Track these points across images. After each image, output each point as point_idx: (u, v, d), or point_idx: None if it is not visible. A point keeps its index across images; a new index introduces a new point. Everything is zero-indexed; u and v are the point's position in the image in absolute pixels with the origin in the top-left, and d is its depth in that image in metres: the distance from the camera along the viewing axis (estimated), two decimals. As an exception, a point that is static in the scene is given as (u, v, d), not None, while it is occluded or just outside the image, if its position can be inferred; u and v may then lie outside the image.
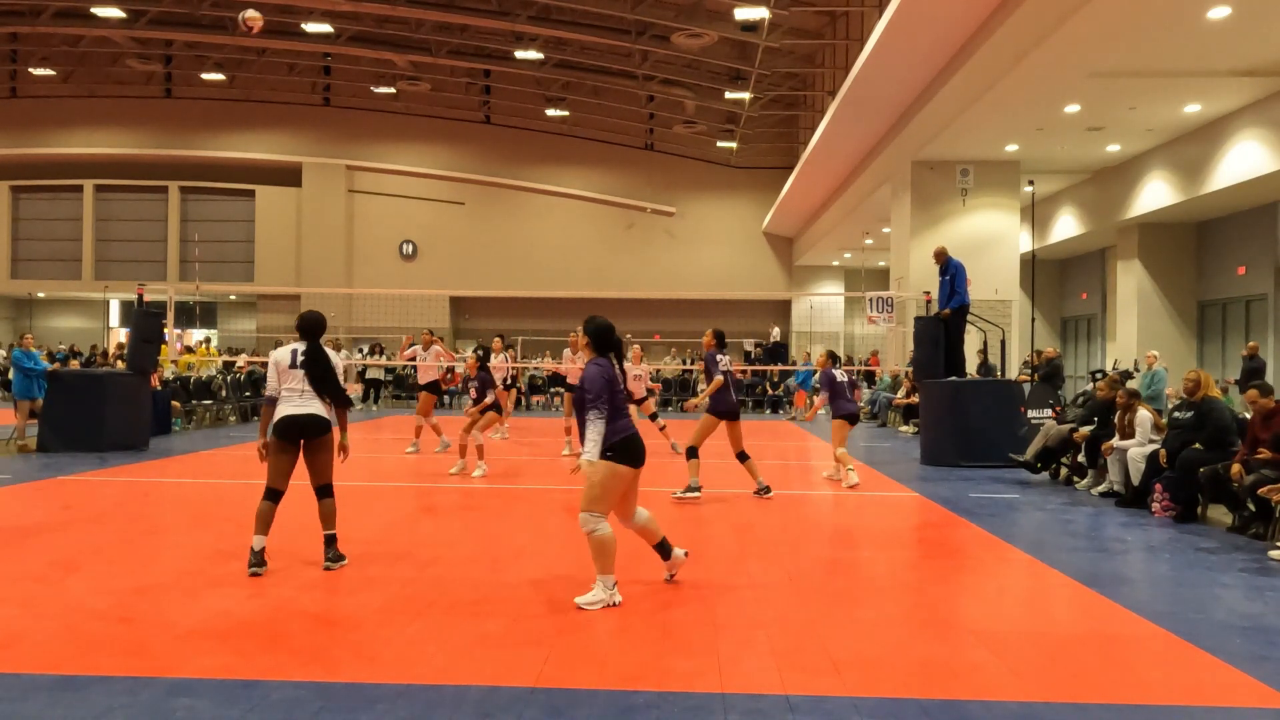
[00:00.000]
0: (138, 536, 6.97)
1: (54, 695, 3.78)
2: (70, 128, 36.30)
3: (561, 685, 3.95)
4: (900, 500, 9.37)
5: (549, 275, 35.00)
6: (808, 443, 15.63)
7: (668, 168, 36.72)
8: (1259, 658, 4.39)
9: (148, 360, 13.56)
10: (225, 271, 35.85)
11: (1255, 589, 5.71)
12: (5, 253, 36.53)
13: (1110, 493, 9.21)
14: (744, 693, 3.88)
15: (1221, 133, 16.99)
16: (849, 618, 5.02)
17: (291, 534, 7.28)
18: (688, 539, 7.13)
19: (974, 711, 3.72)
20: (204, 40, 30.80)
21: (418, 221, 36.82)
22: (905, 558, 6.82)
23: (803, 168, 26.13)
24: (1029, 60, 13.82)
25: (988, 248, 20.03)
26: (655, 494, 9.23)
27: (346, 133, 36.67)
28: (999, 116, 17.02)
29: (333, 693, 3.84)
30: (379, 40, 30.53)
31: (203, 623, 4.75)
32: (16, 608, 5.00)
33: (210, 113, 36.43)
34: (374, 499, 8.95)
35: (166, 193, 36.58)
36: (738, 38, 24.06)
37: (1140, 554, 6.85)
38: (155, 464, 11.36)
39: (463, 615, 4.97)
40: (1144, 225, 21.15)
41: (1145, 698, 3.92)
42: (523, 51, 28.33)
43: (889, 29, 14.81)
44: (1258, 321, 19.18)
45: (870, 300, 20.92)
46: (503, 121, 36.78)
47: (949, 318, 12.73)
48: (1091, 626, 4.95)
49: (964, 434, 11.91)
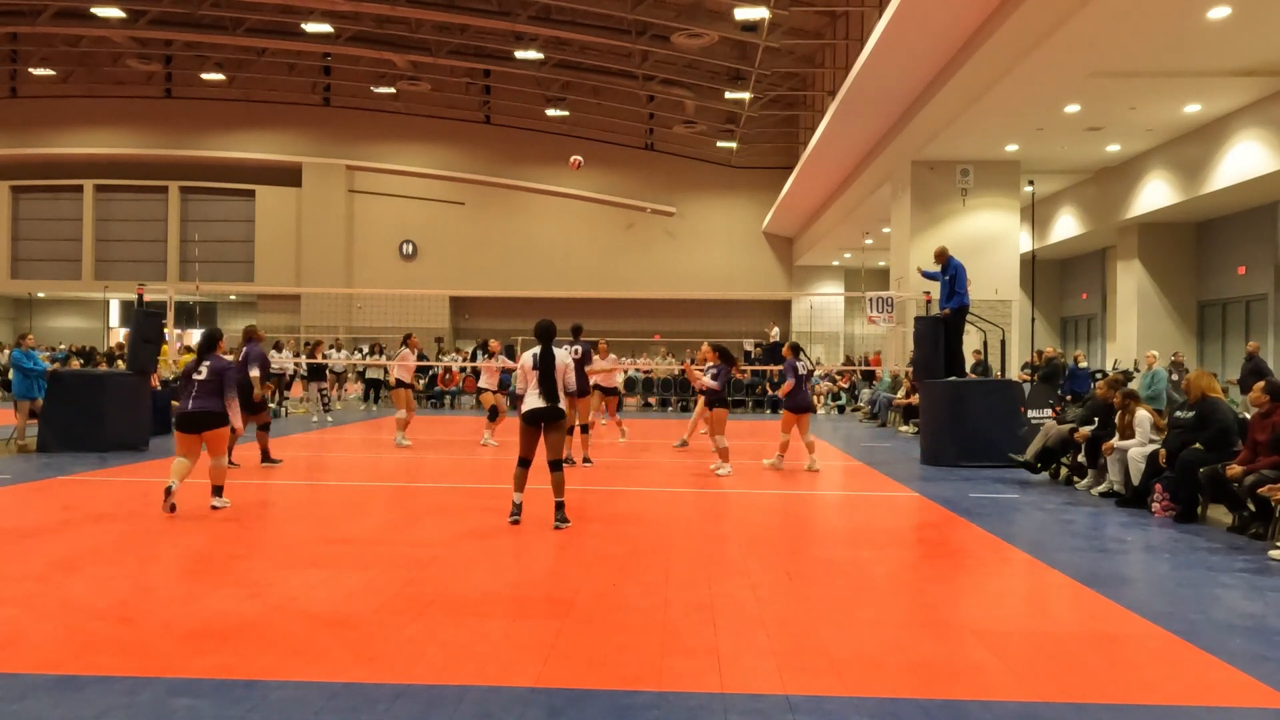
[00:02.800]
0: (138, 536, 6.97)
1: (54, 695, 3.78)
2: (70, 128, 36.30)
3: (561, 685, 3.94)
4: (900, 500, 9.37)
5: (549, 275, 35.01)
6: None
7: (668, 168, 36.72)
8: (1259, 658, 4.39)
9: (148, 360, 13.56)
10: (225, 271, 35.86)
11: (1255, 589, 5.71)
12: (5, 253, 36.54)
13: (1110, 493, 9.21)
14: (744, 693, 3.88)
15: (1221, 133, 17.00)
16: (849, 618, 5.02)
17: (293, 533, 7.29)
18: (688, 538, 7.13)
19: (974, 711, 3.72)
20: (204, 40, 30.81)
21: (418, 221, 36.83)
22: (905, 558, 6.82)
23: (803, 168, 26.14)
24: (1029, 60, 13.82)
25: (988, 248, 20.03)
26: (652, 494, 9.21)
27: (346, 133, 36.68)
28: (999, 116, 17.03)
29: (332, 693, 3.84)
30: (379, 40, 30.52)
31: (203, 623, 4.75)
32: (16, 608, 5.00)
33: (210, 113, 36.43)
34: (374, 499, 8.95)
35: (166, 193, 36.60)
36: (738, 38, 24.07)
37: (1140, 554, 6.85)
38: (155, 464, 11.35)
39: (463, 615, 4.96)
40: (1144, 225, 21.16)
41: (1145, 698, 3.92)
42: (523, 51, 28.33)
43: (889, 29, 14.81)
44: (1258, 321, 19.18)
45: (870, 300, 20.93)
46: (503, 121, 36.79)
47: (949, 318, 12.73)
48: (1091, 626, 4.95)
49: (964, 434, 11.90)
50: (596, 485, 9.96)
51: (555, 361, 7.43)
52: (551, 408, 7.40)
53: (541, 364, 7.44)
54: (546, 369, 7.41)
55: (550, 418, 7.43)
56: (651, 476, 10.87)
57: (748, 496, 9.44)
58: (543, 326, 7.69)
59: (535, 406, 7.40)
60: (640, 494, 9.49)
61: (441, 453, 13.22)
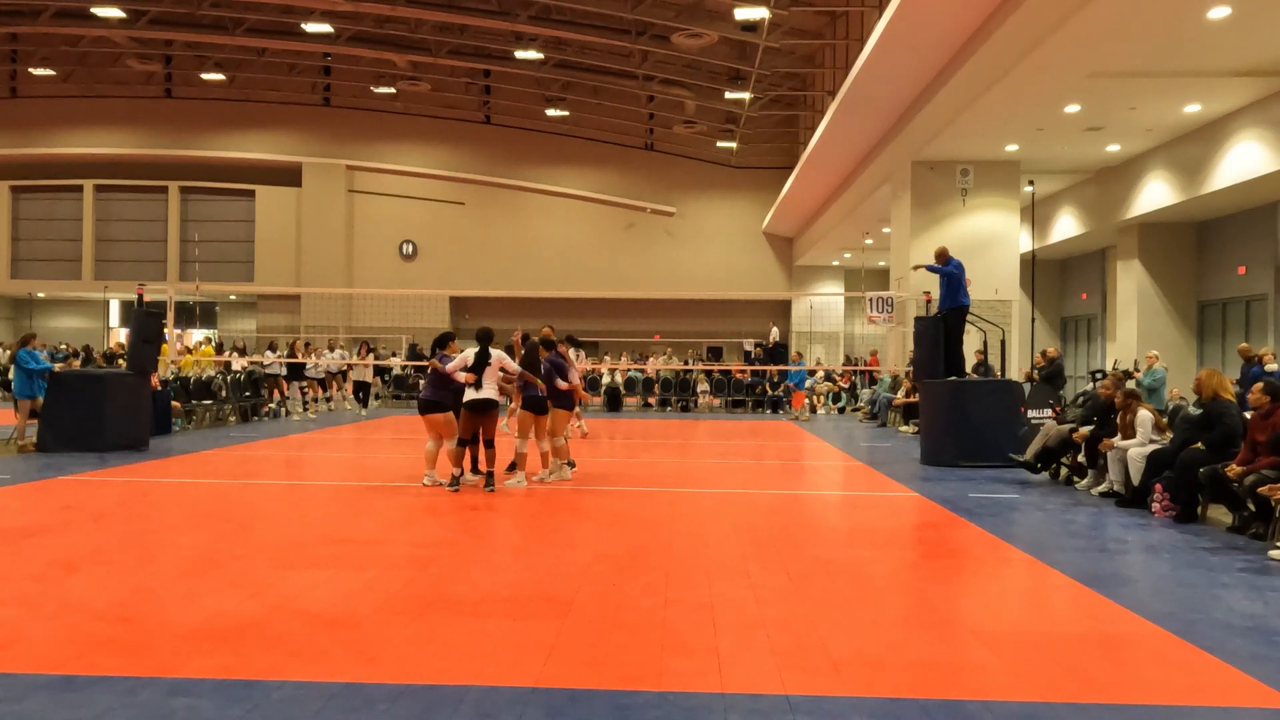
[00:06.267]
0: (138, 536, 6.97)
1: (54, 695, 3.78)
2: (70, 128, 36.29)
3: (561, 685, 3.95)
4: (900, 500, 9.37)
5: (549, 275, 35.01)
6: (807, 443, 15.63)
7: (668, 168, 36.73)
8: (1259, 658, 4.39)
9: (148, 360, 13.56)
10: (225, 271, 35.85)
11: (1255, 589, 5.71)
12: (5, 253, 36.53)
13: (1110, 493, 9.21)
14: (744, 693, 3.88)
15: (1221, 133, 16.99)
16: (849, 618, 5.02)
17: (293, 534, 7.29)
18: (689, 537, 7.13)
19: (974, 711, 3.72)
20: (204, 40, 30.80)
21: (418, 221, 36.83)
22: (905, 558, 6.82)
23: (803, 168, 26.13)
24: (1029, 60, 13.82)
25: (988, 248, 20.02)
26: (652, 494, 9.19)
27: (346, 133, 36.67)
28: (999, 116, 17.02)
29: (332, 693, 3.84)
30: (379, 40, 30.52)
31: (203, 623, 4.75)
32: (16, 608, 5.00)
33: (210, 113, 36.43)
34: (373, 499, 8.95)
35: (166, 193, 36.59)
36: (738, 38, 24.06)
37: (1140, 554, 6.85)
38: (155, 464, 11.36)
39: (463, 615, 4.97)
40: (1144, 225, 21.15)
41: (1145, 698, 3.92)
42: (523, 51, 28.33)
43: (889, 29, 14.81)
44: (1258, 321, 19.17)
45: (870, 300, 20.94)
46: (503, 121, 36.78)
47: (948, 318, 12.74)
48: (1091, 626, 4.95)
49: (964, 434, 11.90)
50: (597, 485, 9.96)
51: (490, 361, 9.18)
52: (488, 400, 9.20)
53: (478, 363, 9.14)
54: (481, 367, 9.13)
55: (488, 408, 9.23)
56: (651, 476, 10.86)
57: (748, 496, 9.44)
58: (482, 333, 9.37)
59: (475, 398, 9.14)
60: (640, 494, 9.49)
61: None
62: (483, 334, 9.40)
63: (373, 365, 23.08)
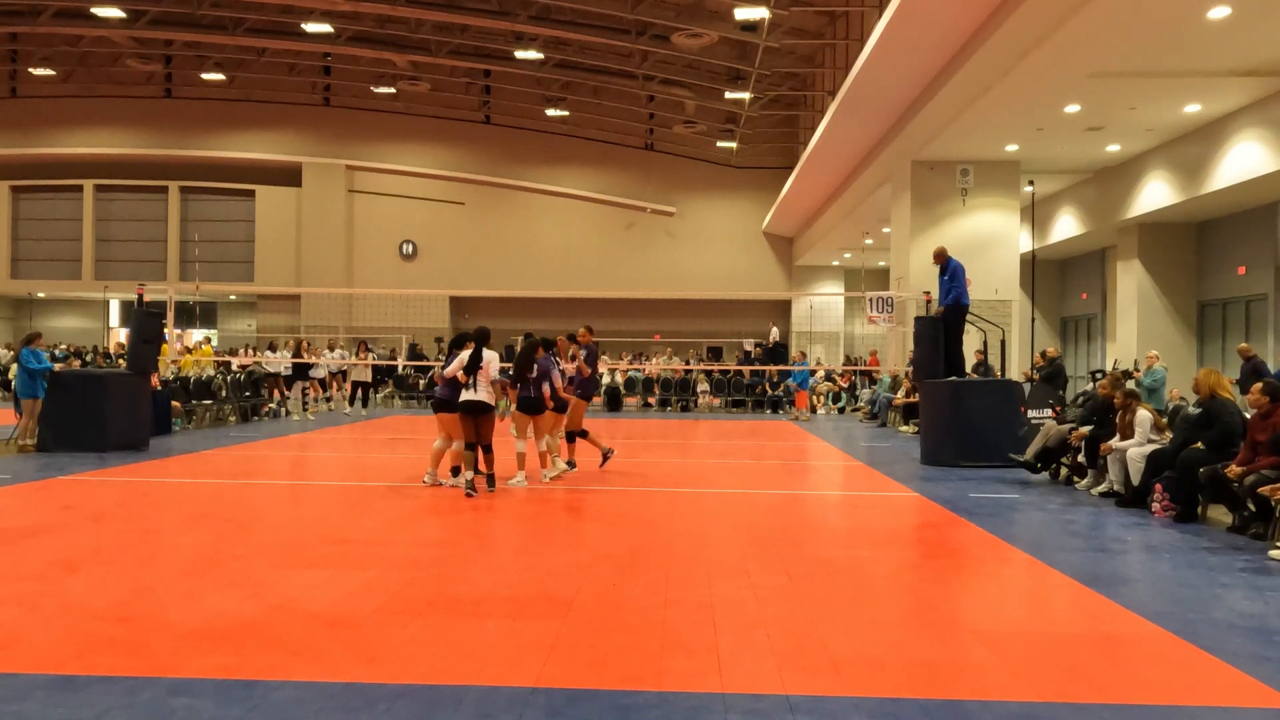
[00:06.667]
0: (138, 536, 6.97)
1: (54, 695, 3.78)
2: (70, 128, 36.28)
3: (561, 685, 3.95)
4: (900, 500, 9.37)
5: (549, 275, 35.01)
6: (807, 443, 15.63)
7: (668, 168, 36.72)
8: (1259, 658, 4.39)
9: (148, 360, 13.55)
10: (225, 271, 35.85)
11: (1255, 589, 5.71)
12: (5, 253, 36.52)
13: (1110, 493, 9.21)
14: (744, 693, 3.88)
15: (1221, 133, 16.99)
16: (849, 618, 5.02)
17: (293, 534, 7.29)
18: (689, 537, 7.13)
19: (974, 711, 3.72)
20: (204, 40, 30.79)
21: (418, 221, 36.82)
22: (905, 558, 6.82)
23: (803, 168, 26.13)
24: (1029, 60, 13.82)
25: (988, 248, 20.03)
26: (652, 494, 9.20)
27: (346, 133, 36.66)
28: (999, 116, 17.02)
29: (333, 693, 3.84)
30: (379, 40, 30.52)
31: (203, 623, 4.75)
32: (16, 608, 5.00)
33: (210, 113, 36.42)
34: (373, 499, 8.95)
35: (166, 193, 36.58)
36: (738, 38, 24.06)
37: (1140, 554, 6.85)
38: (155, 464, 11.36)
39: (463, 615, 4.97)
40: (1144, 225, 21.15)
41: (1145, 698, 3.92)
42: (523, 51, 28.32)
43: (889, 29, 14.81)
44: (1258, 321, 19.17)
45: (870, 300, 20.94)
46: (503, 121, 36.78)
47: (948, 317, 12.73)
48: (1091, 626, 4.95)
49: (964, 434, 11.90)
50: (597, 485, 9.96)
51: (482, 364, 8.88)
52: (480, 402, 8.91)
53: (471, 363, 8.86)
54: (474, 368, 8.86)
55: (480, 409, 8.93)
56: (651, 476, 10.86)
57: (748, 496, 9.44)
58: (478, 332, 9.14)
59: (466, 399, 8.89)
60: (640, 494, 9.48)
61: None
62: (479, 334, 9.20)
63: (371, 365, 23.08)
